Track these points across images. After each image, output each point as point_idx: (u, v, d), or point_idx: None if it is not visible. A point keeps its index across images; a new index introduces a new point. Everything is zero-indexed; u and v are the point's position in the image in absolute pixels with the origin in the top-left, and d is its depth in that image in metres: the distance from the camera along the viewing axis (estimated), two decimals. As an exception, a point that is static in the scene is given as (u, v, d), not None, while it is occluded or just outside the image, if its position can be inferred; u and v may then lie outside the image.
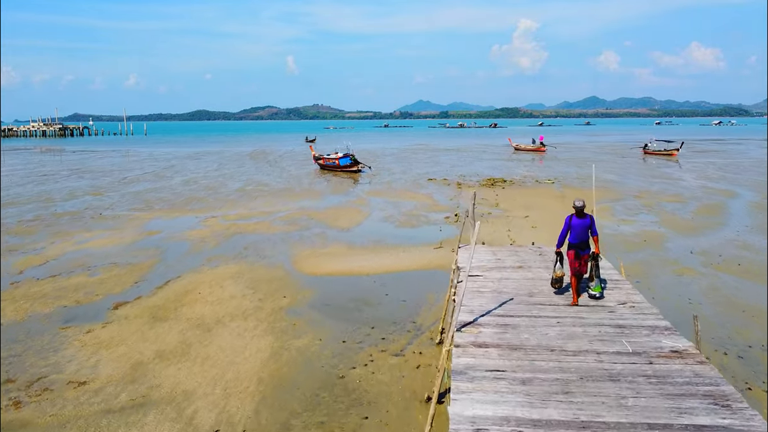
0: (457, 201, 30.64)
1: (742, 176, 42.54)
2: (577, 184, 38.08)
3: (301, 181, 41.40)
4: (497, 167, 52.35)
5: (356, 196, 33.61)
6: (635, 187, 36.09)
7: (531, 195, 32.66)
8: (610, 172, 46.00)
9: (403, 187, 37.67)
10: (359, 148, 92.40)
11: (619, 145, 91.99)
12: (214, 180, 42.20)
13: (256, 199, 31.99)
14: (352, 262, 17.40)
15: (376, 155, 71.54)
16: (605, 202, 30.01)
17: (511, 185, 37.61)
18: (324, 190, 36.68)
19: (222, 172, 49.41)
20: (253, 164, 58.15)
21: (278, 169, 51.80)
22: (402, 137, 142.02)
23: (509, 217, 25.30)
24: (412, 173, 47.10)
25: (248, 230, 22.78)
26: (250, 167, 54.27)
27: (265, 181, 41.39)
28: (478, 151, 79.80)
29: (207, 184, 39.30)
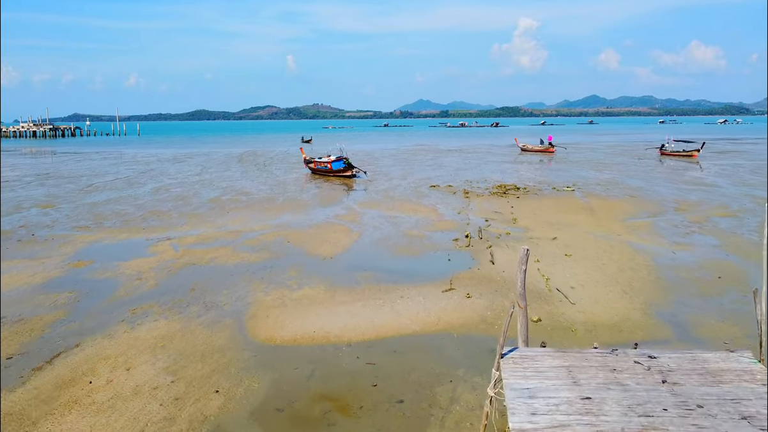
0: (466, 215, 25.80)
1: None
2: (601, 191, 33.24)
3: (286, 189, 36.55)
4: (506, 171, 47.53)
5: (347, 208, 28.75)
6: (670, 197, 31.24)
7: (552, 207, 27.83)
8: (633, 177, 41.16)
9: (402, 196, 32.83)
10: (357, 148, 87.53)
11: (630, 146, 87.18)
12: (188, 188, 37.35)
13: (229, 214, 27.14)
14: (330, 318, 12.56)
15: (374, 157, 66.73)
16: (643, 216, 25.14)
17: (526, 193, 32.78)
18: (310, 200, 31.81)
19: (202, 177, 44.58)
20: (240, 168, 53.31)
21: (265, 174, 46.98)
22: (402, 137, 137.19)
23: (533, 239, 20.43)
24: (413, 178, 42.27)
25: (204, 260, 17.93)
26: (235, 171, 49.44)
27: (246, 189, 36.54)
28: (482, 152, 75.00)
29: (179, 194, 34.45)
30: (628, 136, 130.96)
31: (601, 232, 21.50)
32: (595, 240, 20.14)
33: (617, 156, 63.44)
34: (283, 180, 42.32)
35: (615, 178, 40.31)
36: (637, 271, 15.98)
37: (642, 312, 12.65)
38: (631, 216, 25.20)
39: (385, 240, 20.87)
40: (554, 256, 17.82)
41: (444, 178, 41.66)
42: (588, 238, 20.54)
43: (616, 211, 26.53)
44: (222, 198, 32.55)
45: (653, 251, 18.49)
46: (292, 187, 37.98)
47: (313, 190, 36.13)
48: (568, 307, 12.96)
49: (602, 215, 25.39)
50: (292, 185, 38.90)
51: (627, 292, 13.97)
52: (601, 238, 20.52)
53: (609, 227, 22.59)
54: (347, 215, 26.51)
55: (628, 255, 17.91)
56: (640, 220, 24.01)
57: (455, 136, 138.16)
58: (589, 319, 12.22)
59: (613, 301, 13.28)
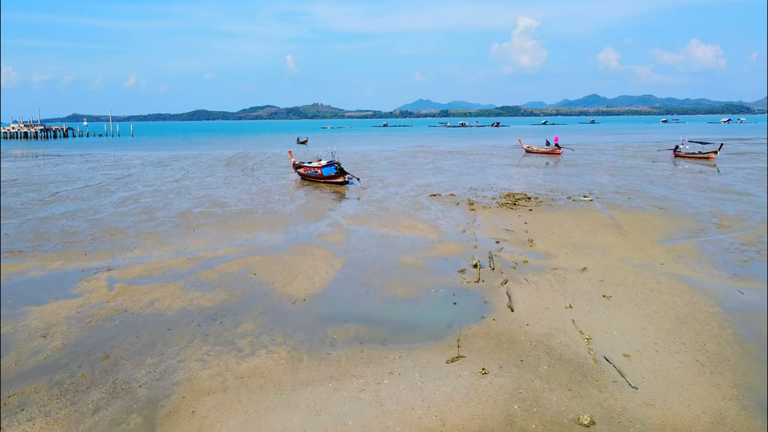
0: (473, 233, 21.88)
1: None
2: (623, 202, 29.34)
3: (269, 199, 32.64)
4: (512, 176, 43.63)
5: (334, 224, 24.84)
6: (703, 209, 27.35)
7: (572, 223, 23.92)
8: (654, 183, 37.25)
9: (398, 207, 28.94)
10: (354, 150, 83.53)
11: (639, 146, 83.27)
12: (161, 198, 33.45)
13: (194, 232, 23.23)
14: (284, 418, 8.62)
15: (371, 160, 62.84)
16: (683, 236, 21.21)
17: (539, 205, 28.89)
18: (293, 214, 27.89)
19: (181, 184, 40.69)
20: (225, 172, 49.42)
21: (250, 180, 43.08)
22: (401, 138, 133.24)
23: (557, 269, 16.52)
24: (411, 185, 38.38)
25: (141, 303, 14.00)
26: (218, 177, 45.54)
27: (224, 199, 32.64)
28: (485, 153, 71.09)
29: (147, 205, 30.54)
30: (633, 136, 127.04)
31: (640, 260, 17.59)
32: (635, 271, 16.23)
33: (629, 158, 59.55)
34: (268, 187, 38.41)
35: (634, 185, 36.40)
36: (704, 324, 12.07)
37: (738, 404, 8.74)
38: (669, 236, 21.28)
39: (374, 271, 16.95)
40: (590, 297, 13.90)
41: (445, 185, 37.78)
42: (625, 268, 16.63)
43: (649, 228, 22.61)
44: (193, 211, 28.64)
45: (713, 289, 14.57)
46: (276, 196, 34.08)
47: (299, 201, 32.21)
48: (628, 393, 9.05)
49: (634, 234, 21.47)
50: (276, 194, 35.00)
51: (704, 364, 10.06)
52: (642, 268, 16.61)
53: (646, 252, 18.68)
54: (333, 234, 22.59)
55: (684, 296, 14.00)
56: (682, 242, 20.10)
57: (456, 137, 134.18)
58: (665, 418, 8.31)
59: (690, 383, 9.37)
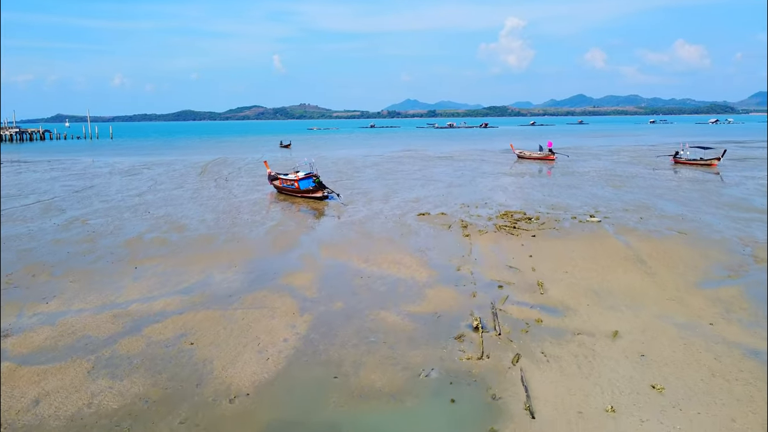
0: (470, 273, 18.29)
1: None
2: (637, 224, 25.90)
3: (237, 220, 28.86)
4: (507, 188, 40.18)
5: (305, 257, 21.11)
6: (730, 234, 23.97)
7: (585, 254, 20.40)
8: (664, 198, 33.93)
9: (382, 232, 25.31)
10: (339, 155, 79.50)
11: (633, 150, 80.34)
12: (114, 218, 29.53)
13: (138, 269, 19.42)
14: None
15: (356, 167, 59.15)
16: (721, 276, 17.71)
17: (542, 227, 25.40)
18: (260, 241, 24.11)
19: (143, 199, 36.74)
20: (196, 183, 45.49)
21: (221, 194, 39.25)
22: (388, 140, 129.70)
23: (581, 335, 12.93)
24: (397, 200, 34.78)
25: (18, 407, 10.21)
26: (187, 189, 41.61)
27: (185, 220, 28.80)
28: (475, 159, 67.69)
29: (94, 229, 26.64)
30: (624, 138, 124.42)
31: (681, 317, 14.07)
32: (683, 340, 12.70)
33: (627, 165, 56.32)
34: (239, 203, 34.61)
35: (643, 200, 33.04)
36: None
37: None
38: (705, 275, 17.82)
39: (347, 337, 13.26)
40: (634, 389, 10.33)
41: (435, 200, 34.21)
42: (668, 333, 13.09)
43: (678, 263, 19.14)
44: (145, 237, 24.78)
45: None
46: (245, 215, 30.30)
47: (270, 222, 28.46)
48: None
49: (662, 273, 17.98)
50: (247, 212, 31.22)
51: None
52: (689, 333, 13.08)
53: (686, 302, 15.18)
54: (302, 273, 18.88)
55: (759, 383, 10.50)
56: (724, 287, 16.62)
57: (444, 139, 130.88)
58: None
59: None
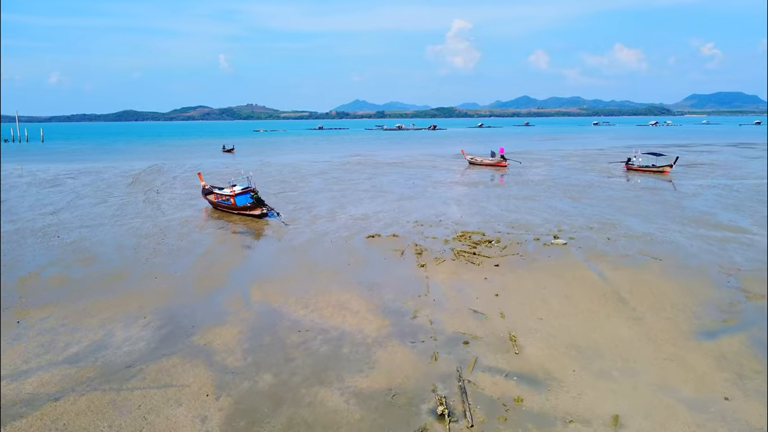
0: (429, 322, 15.43)
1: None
2: (606, 247, 23.72)
3: (159, 247, 25.13)
4: (461, 200, 37.73)
5: (233, 302, 17.76)
6: (706, 257, 22.07)
7: (558, 292, 17.88)
8: (626, 212, 32.15)
9: (327, 261, 22.19)
10: (284, 160, 75.29)
11: (583, 154, 79.99)
12: (13, 247, 25.19)
13: (20, 324, 15.61)
14: None
15: (302, 175, 55.68)
16: (717, 322, 15.46)
17: (504, 252, 22.88)
18: (181, 278, 20.53)
19: (58, 218, 32.32)
20: (123, 197, 41.04)
21: (149, 210, 35.19)
22: (336, 144, 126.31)
23: (573, 422, 10.22)
24: (345, 217, 31.73)
25: None
26: (110, 205, 37.23)
27: (96, 249, 24.83)
28: (426, 165, 65.32)
29: (-17, 262, 22.45)
30: (572, 141, 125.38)
31: (689, 388, 11.57)
32: (699, 428, 10.17)
33: (581, 172, 55.05)
34: (167, 223, 30.76)
35: (606, 216, 31.13)
36: None
37: None
38: (697, 319, 15.52)
39: (275, 433, 10.14)
40: None
41: (385, 217, 31.34)
42: (679, 416, 10.52)
43: (663, 302, 16.83)
44: (43, 274, 20.80)
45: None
46: (171, 240, 26.58)
47: (198, 249, 24.86)
48: None
49: (650, 318, 15.59)
50: (173, 235, 27.49)
51: None
52: (703, 415, 10.57)
53: (689, 365, 12.74)
54: (225, 327, 15.54)
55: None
56: (724, 337, 14.30)
57: (393, 142, 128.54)
58: None
59: None
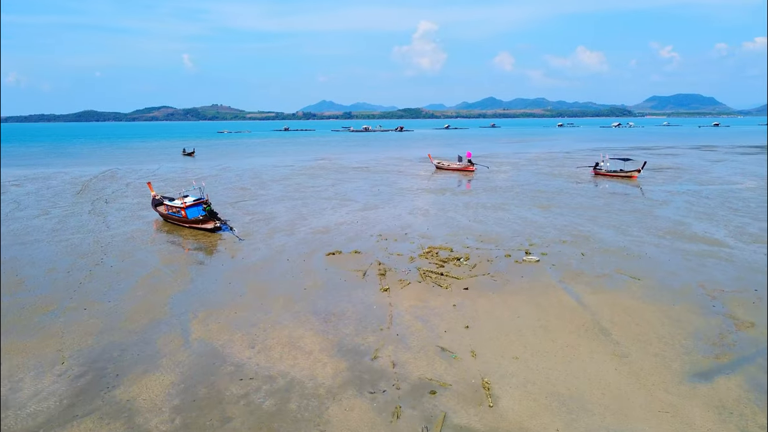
0: (392, 361, 13.67)
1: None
2: (581, 264, 22.37)
3: (96, 269, 22.75)
4: (428, 210, 36.13)
5: (168, 339, 15.65)
6: (687, 276, 20.90)
7: (534, 323, 16.33)
8: (598, 223, 31.01)
9: (281, 284, 20.22)
10: (246, 165, 72.28)
11: (550, 158, 79.58)
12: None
13: None
14: None
15: (262, 181, 53.41)
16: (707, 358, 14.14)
17: (474, 271, 21.32)
18: (115, 308, 18.27)
19: (-13, 234, 29.55)
20: (68, 207, 38.19)
21: (93, 222, 32.61)
22: (302, 146, 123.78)
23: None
24: (305, 230, 29.80)
25: None
26: (52, 217, 34.44)
27: (26, 272, 22.31)
28: (392, 170, 63.69)
29: None
30: (538, 143, 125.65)
31: None
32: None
33: (549, 178, 54.10)
34: (110, 238, 28.30)
35: (577, 227, 29.91)
36: None
37: None
38: (688, 357, 14.12)
39: None
40: None
41: (348, 230, 29.52)
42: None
43: (648, 335, 15.41)
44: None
45: None
46: (111, 259, 24.23)
47: (141, 270, 22.56)
48: None
49: (637, 356, 14.12)
50: (114, 254, 25.12)
51: None
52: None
53: (687, 418, 11.27)
54: (155, 374, 13.43)
55: None
56: (720, 379, 12.92)
57: (360, 144, 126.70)
58: None
59: None
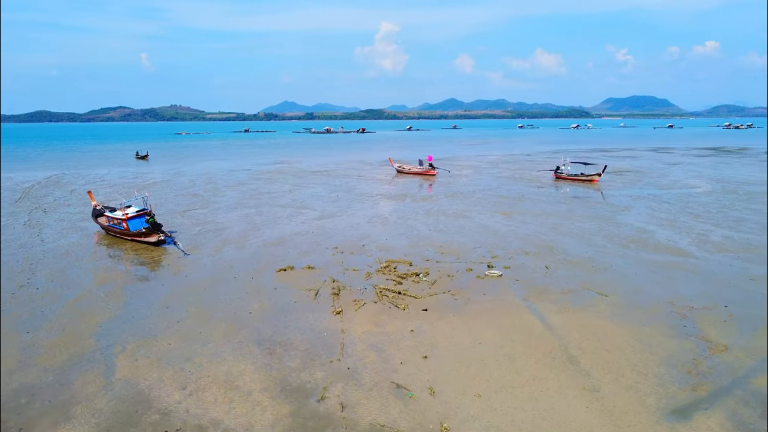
0: (341, 403, 12.24)
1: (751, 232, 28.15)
2: (546, 280, 21.37)
3: (20, 292, 20.54)
4: (387, 218, 34.83)
5: (88, 378, 13.80)
6: (653, 291, 20.09)
7: (495, 348, 15.13)
8: (562, 232, 30.19)
9: (223, 309, 18.51)
10: (200, 169, 69.25)
11: (511, 160, 79.46)
12: None
13: None
14: None
15: (216, 187, 51.20)
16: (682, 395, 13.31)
17: (434, 292, 20.06)
18: (30, 342, 16.23)
19: None
20: (3, 219, 35.46)
21: (28, 235, 30.18)
22: (261, 148, 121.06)
23: None
24: (256, 242, 28.11)
25: None
26: (-20, 231, 31.80)
27: (-60, 296, 20.09)
28: (352, 174, 62.26)
29: None
30: (499, 145, 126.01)
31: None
32: None
33: (511, 182, 53.46)
34: (43, 254, 26.02)
35: (540, 236, 29.03)
36: None
37: None
38: (663, 389, 13.10)
39: None
40: None
41: (302, 242, 27.95)
42: None
43: (620, 363, 14.37)
44: None
45: None
46: (40, 279, 22.06)
47: (69, 292, 20.49)
48: None
49: (609, 390, 13.03)
50: (43, 273, 22.92)
51: None
52: None
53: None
54: (66, 429, 11.75)
55: None
56: (700, 416, 11.93)
57: (320, 147, 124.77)
58: None
59: None
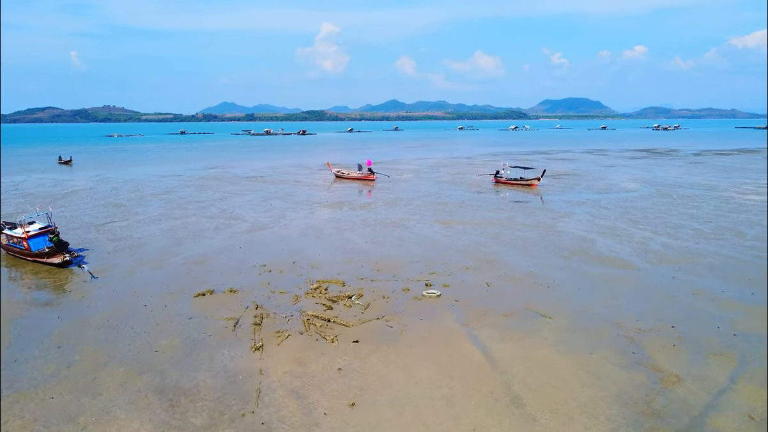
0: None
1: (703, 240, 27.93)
2: (486, 299, 20.00)
3: None
4: (322, 228, 32.89)
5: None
6: (599, 309, 19.05)
7: (432, 389, 13.48)
8: (502, 242, 29.11)
9: (123, 350, 16.08)
10: (126, 176, 64.32)
11: (452, 163, 79.01)
12: None
13: None
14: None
15: (141, 195, 47.78)
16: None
17: (367, 318, 18.30)
18: None
19: None
20: None
21: None
22: (196, 151, 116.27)
23: None
24: (176, 261, 25.60)
25: None
26: None
27: None
28: (289, 180, 59.89)
29: None
30: (440, 147, 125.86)
31: None
32: None
33: (451, 187, 52.46)
34: None
35: (481, 248, 27.79)
36: None
37: None
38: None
39: None
40: None
41: (227, 259, 25.66)
42: None
43: (567, 401, 12.98)
44: None
45: None
46: None
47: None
48: None
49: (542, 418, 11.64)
50: None
51: None
52: None
53: None
54: None
55: None
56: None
57: (259, 150, 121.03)
58: None
59: None
